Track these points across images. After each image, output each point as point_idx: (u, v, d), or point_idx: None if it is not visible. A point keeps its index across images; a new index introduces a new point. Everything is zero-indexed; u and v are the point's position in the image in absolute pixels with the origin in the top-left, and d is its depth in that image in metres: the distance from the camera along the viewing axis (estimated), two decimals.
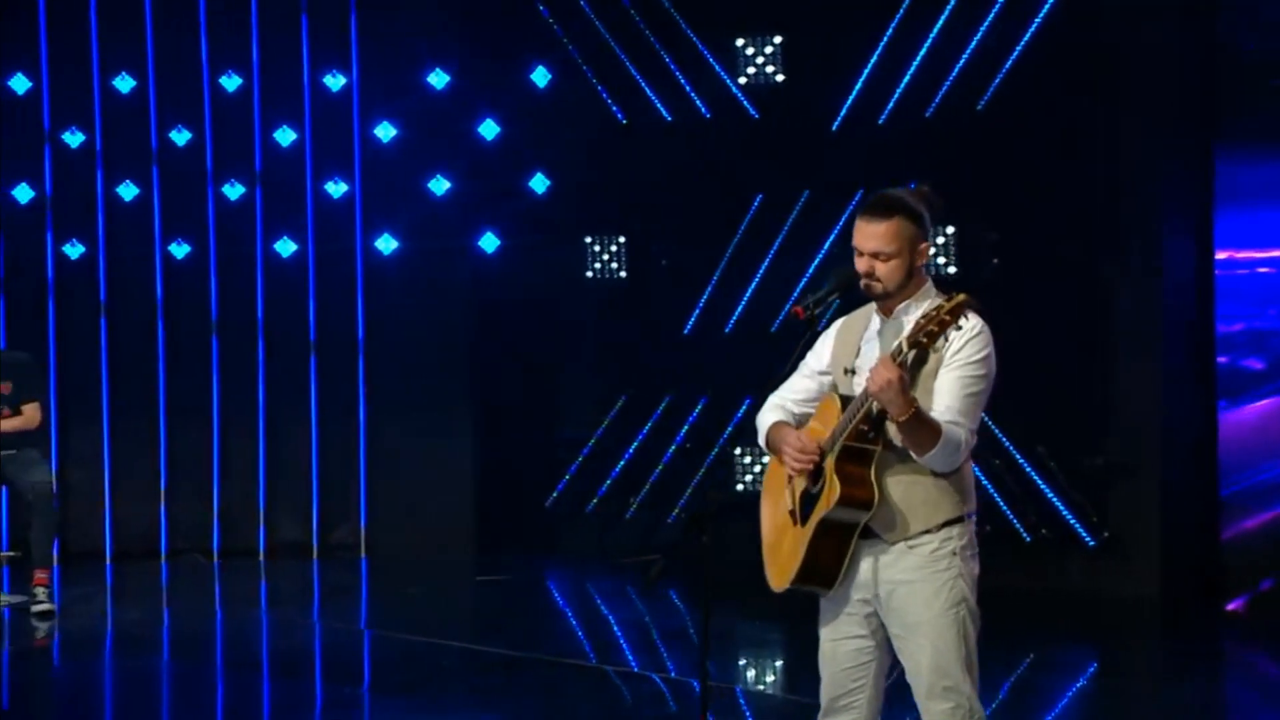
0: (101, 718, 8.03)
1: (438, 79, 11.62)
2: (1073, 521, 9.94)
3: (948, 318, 4.42)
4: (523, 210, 11.64)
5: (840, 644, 4.79)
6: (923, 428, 4.52)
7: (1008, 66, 10.00)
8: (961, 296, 4.46)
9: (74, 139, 11.67)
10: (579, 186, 11.53)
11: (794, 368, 4.90)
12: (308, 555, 11.77)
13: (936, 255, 10.18)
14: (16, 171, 11.66)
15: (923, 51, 10.26)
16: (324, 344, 11.77)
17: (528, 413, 11.78)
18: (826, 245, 10.50)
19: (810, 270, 10.55)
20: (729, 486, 10.88)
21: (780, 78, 10.76)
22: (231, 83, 11.70)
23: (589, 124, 11.41)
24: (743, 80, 10.85)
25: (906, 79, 10.32)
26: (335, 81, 11.70)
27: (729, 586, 9.99)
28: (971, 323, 4.64)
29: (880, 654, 4.78)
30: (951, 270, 10.15)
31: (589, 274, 11.49)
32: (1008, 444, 10.08)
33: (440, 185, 11.63)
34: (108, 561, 11.70)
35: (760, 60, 10.78)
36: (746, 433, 10.86)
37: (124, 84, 11.67)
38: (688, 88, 11.08)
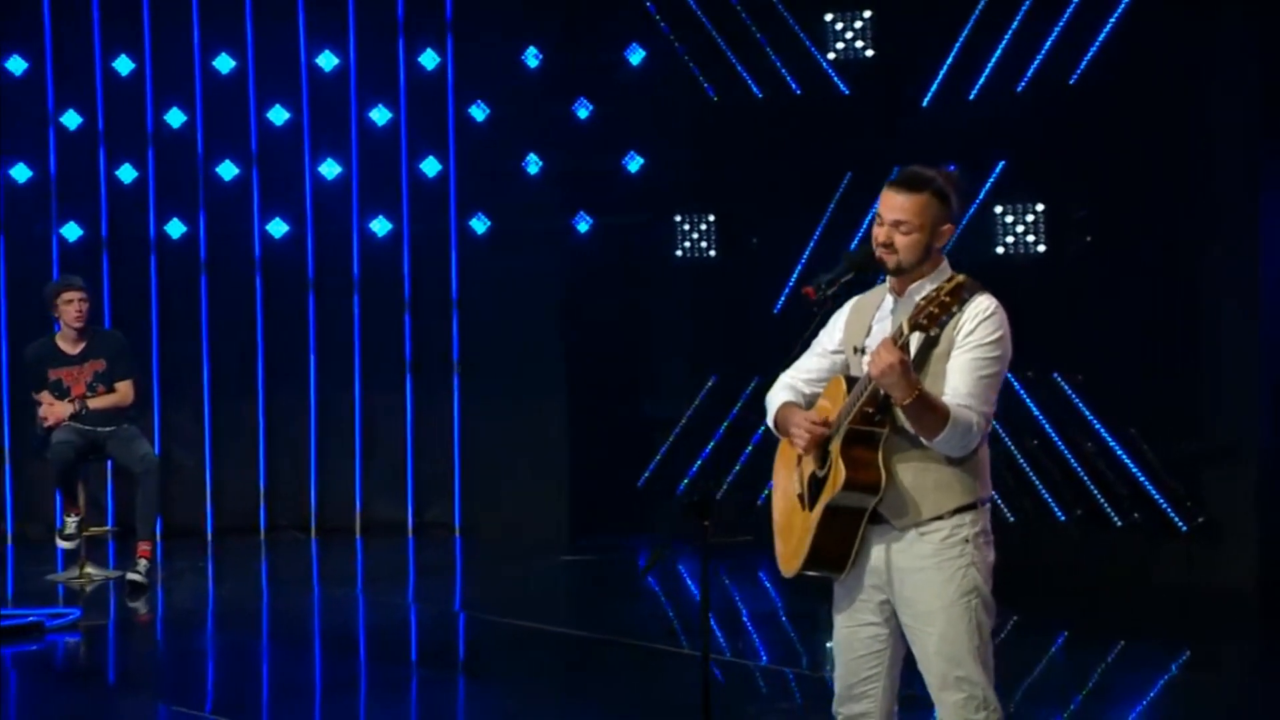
0: (199, 693, 8.03)
1: (531, 58, 11.61)
2: (1166, 507, 9.68)
3: (947, 299, 4.33)
4: (615, 190, 11.60)
5: (855, 631, 4.70)
6: (928, 412, 4.42)
7: (1100, 40, 9.74)
8: (960, 278, 4.37)
9: (175, 119, 11.82)
10: (670, 165, 11.47)
11: (804, 348, 4.82)
12: (402, 533, 11.85)
13: (1026, 234, 10.00)
14: (121, 152, 11.84)
15: (1014, 25, 10.04)
16: (418, 324, 11.84)
17: (621, 392, 11.73)
18: None
19: None
20: None
21: (870, 53, 10.61)
22: (328, 62, 11.79)
23: (681, 102, 11.34)
24: (831, 56, 10.72)
25: (997, 54, 10.11)
26: (429, 61, 11.74)
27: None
28: (984, 303, 4.56)
29: (894, 641, 4.69)
30: (1041, 249, 9.95)
31: (678, 253, 11.42)
32: (1099, 426, 9.85)
33: (534, 165, 11.62)
34: (208, 538, 11.87)
35: (849, 35, 10.64)
36: None
37: (223, 64, 11.80)
38: (778, 64, 10.97)
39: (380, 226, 11.83)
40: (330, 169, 11.83)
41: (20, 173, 11.83)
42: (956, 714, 4.57)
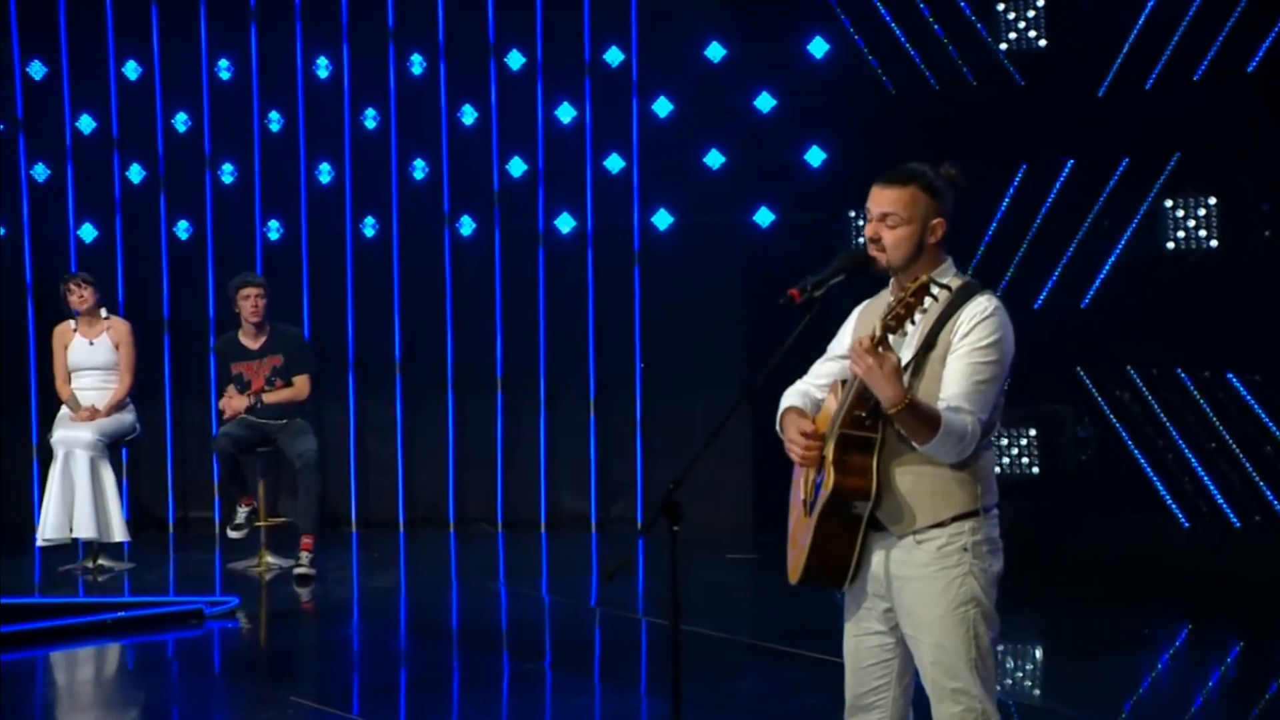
0: (392, 690, 8.05)
1: (714, 53, 11.58)
2: None
3: (912, 300, 4.22)
4: (797, 184, 11.50)
5: (862, 639, 4.59)
6: (917, 420, 4.29)
7: None
8: (924, 277, 4.23)
9: (370, 121, 12.11)
10: (849, 159, 11.32)
11: (788, 353, 4.72)
12: (586, 528, 11.95)
13: (1198, 228, 9.60)
14: (320, 152, 12.18)
15: (1191, 11, 9.67)
16: (601, 318, 11.91)
17: None
18: (1090, 217, 10.03)
19: (1074, 244, 10.11)
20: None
21: (1043, 43, 10.32)
22: (515, 61, 11.94)
23: (860, 95, 11.18)
24: (1004, 46, 10.45)
25: (1174, 41, 9.75)
26: (614, 57, 11.80)
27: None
28: (982, 304, 4.42)
29: (902, 650, 4.56)
30: (1214, 244, 9.55)
31: (853, 248, 11.24)
32: (1276, 430, 9.42)
33: (715, 159, 11.59)
34: (401, 529, 12.13)
35: (1022, 25, 10.36)
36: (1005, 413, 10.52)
37: (416, 66, 12.05)
38: (954, 55, 10.74)
39: (564, 223, 11.94)
40: (517, 167, 11.98)
41: (227, 174, 12.28)
42: None
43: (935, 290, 4.26)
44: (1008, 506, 10.35)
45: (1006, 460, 10.45)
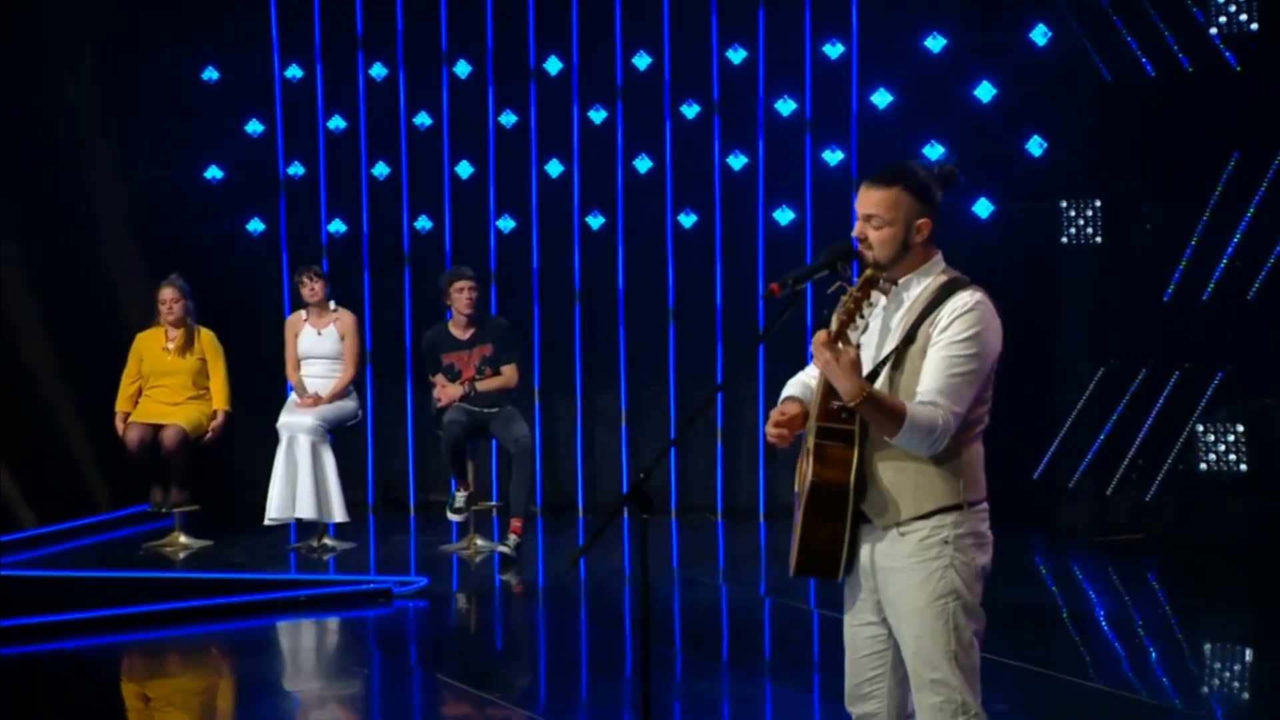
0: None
1: (934, 43, 11.49)
2: None
3: (860, 294, 4.28)
4: (1017, 174, 11.31)
5: (858, 630, 4.64)
6: (879, 412, 4.33)
7: None
8: (869, 272, 4.27)
9: (598, 116, 12.36)
10: (1067, 148, 11.09)
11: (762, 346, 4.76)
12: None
13: None
14: (550, 149, 12.48)
15: None
16: (819, 311, 11.90)
17: (1013, 381, 11.34)
18: None
19: None
20: (1193, 465, 10.19)
21: (1254, 26, 9.94)
22: (737, 56, 12.04)
23: (1078, 83, 10.96)
24: (1213, 30, 10.10)
25: None
26: (834, 50, 11.80)
27: (1205, 574, 9.37)
28: (963, 299, 4.43)
29: (895, 641, 4.57)
30: None
31: (1064, 240, 11.03)
32: None
33: (934, 151, 11.48)
34: (624, 516, 12.31)
35: (1233, 9, 9.99)
36: (1213, 408, 10.21)
37: (641, 61, 12.25)
38: (1170, 41, 10.42)
39: (783, 216, 11.99)
40: (737, 160, 12.08)
41: (464, 169, 12.68)
42: (934, 717, 4.45)
43: (883, 284, 4.33)
44: (1215, 505, 10.08)
45: (1213, 456, 10.11)
